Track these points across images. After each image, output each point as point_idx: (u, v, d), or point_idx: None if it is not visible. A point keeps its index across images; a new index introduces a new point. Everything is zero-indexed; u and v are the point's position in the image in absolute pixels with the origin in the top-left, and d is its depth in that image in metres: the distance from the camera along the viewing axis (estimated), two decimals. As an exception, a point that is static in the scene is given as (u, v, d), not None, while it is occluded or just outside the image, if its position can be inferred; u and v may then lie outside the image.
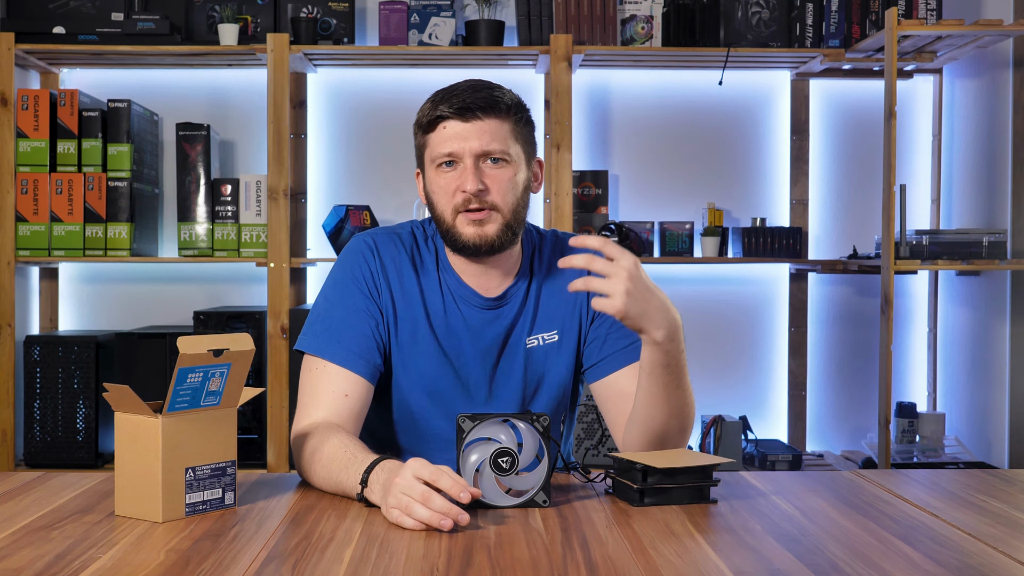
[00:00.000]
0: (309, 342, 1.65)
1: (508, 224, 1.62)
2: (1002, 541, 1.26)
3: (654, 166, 3.60)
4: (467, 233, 1.61)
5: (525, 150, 1.66)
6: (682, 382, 1.53)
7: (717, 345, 3.60)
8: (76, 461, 3.17)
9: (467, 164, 1.60)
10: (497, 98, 1.62)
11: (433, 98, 1.65)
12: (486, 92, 1.62)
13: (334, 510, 1.39)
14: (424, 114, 1.65)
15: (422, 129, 1.66)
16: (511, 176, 1.62)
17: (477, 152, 1.60)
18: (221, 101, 3.54)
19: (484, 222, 1.61)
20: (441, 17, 3.30)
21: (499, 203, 1.61)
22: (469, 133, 1.60)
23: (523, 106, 1.66)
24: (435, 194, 1.64)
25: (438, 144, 1.62)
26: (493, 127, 1.61)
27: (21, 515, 1.36)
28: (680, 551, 1.21)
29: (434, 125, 1.63)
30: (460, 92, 1.62)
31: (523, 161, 1.65)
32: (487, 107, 1.60)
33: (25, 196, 3.20)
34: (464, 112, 1.60)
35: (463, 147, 1.60)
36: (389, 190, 3.54)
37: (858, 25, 3.32)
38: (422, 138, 1.67)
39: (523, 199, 1.65)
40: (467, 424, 1.40)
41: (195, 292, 3.53)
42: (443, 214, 1.63)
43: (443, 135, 1.62)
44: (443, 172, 1.63)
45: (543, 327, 1.70)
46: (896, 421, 3.34)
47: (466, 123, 1.60)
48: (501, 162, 1.62)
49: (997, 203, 3.28)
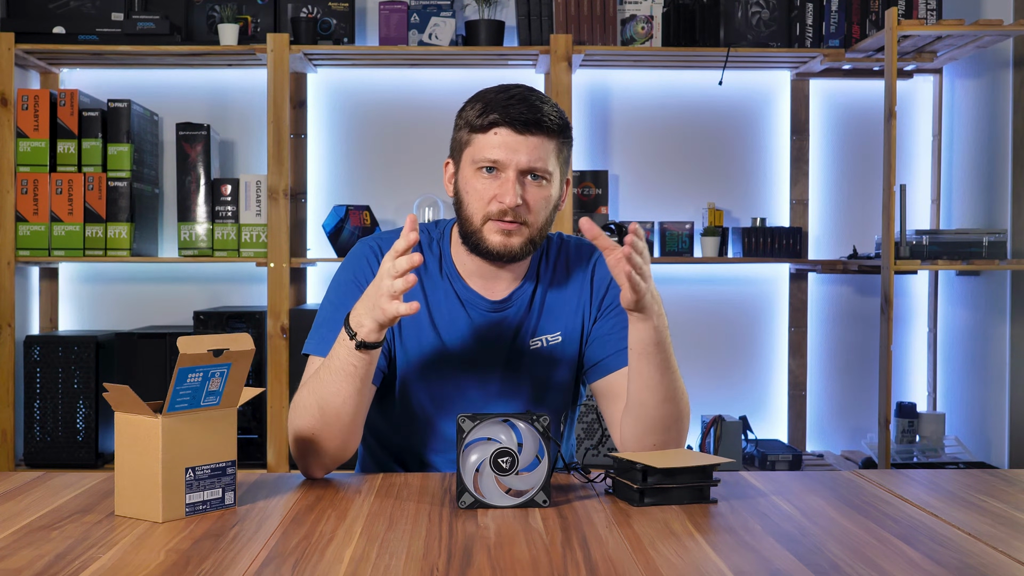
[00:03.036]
0: (315, 345, 1.66)
1: (533, 239, 1.64)
2: (1002, 541, 1.26)
3: (654, 166, 3.60)
4: (493, 241, 1.62)
5: (562, 169, 1.67)
6: (671, 362, 1.56)
7: (717, 345, 3.60)
8: (76, 461, 3.17)
9: (510, 176, 1.60)
10: (551, 117, 1.62)
11: (486, 99, 1.63)
12: (541, 107, 1.61)
13: (334, 510, 1.39)
14: (476, 113, 1.63)
15: (470, 127, 1.64)
16: (547, 195, 1.64)
17: (523, 167, 1.60)
18: (221, 101, 3.54)
19: (512, 234, 1.62)
20: (441, 17, 3.30)
21: (531, 220, 1.63)
22: (519, 146, 1.60)
23: (569, 126, 1.67)
24: (468, 194, 1.64)
25: (486, 148, 1.61)
26: (542, 145, 1.61)
27: (21, 515, 1.36)
28: (680, 551, 1.21)
29: (486, 128, 1.61)
30: (517, 102, 1.61)
31: (559, 180, 1.66)
32: (540, 123, 1.60)
33: (25, 196, 3.20)
34: (519, 124, 1.59)
35: (511, 158, 1.60)
36: (389, 190, 3.55)
37: (858, 25, 3.32)
38: (468, 135, 1.64)
39: (551, 216, 1.67)
40: (467, 424, 1.40)
41: (195, 292, 3.53)
42: (472, 216, 1.63)
43: (493, 140, 1.61)
44: (482, 176, 1.62)
45: (547, 329, 1.72)
46: (896, 421, 3.34)
47: (518, 135, 1.60)
48: (541, 180, 1.62)
49: (997, 203, 3.28)
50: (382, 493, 1.49)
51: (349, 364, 1.50)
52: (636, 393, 1.58)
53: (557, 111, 1.64)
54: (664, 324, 1.54)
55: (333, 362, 1.52)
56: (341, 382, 1.51)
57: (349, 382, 1.51)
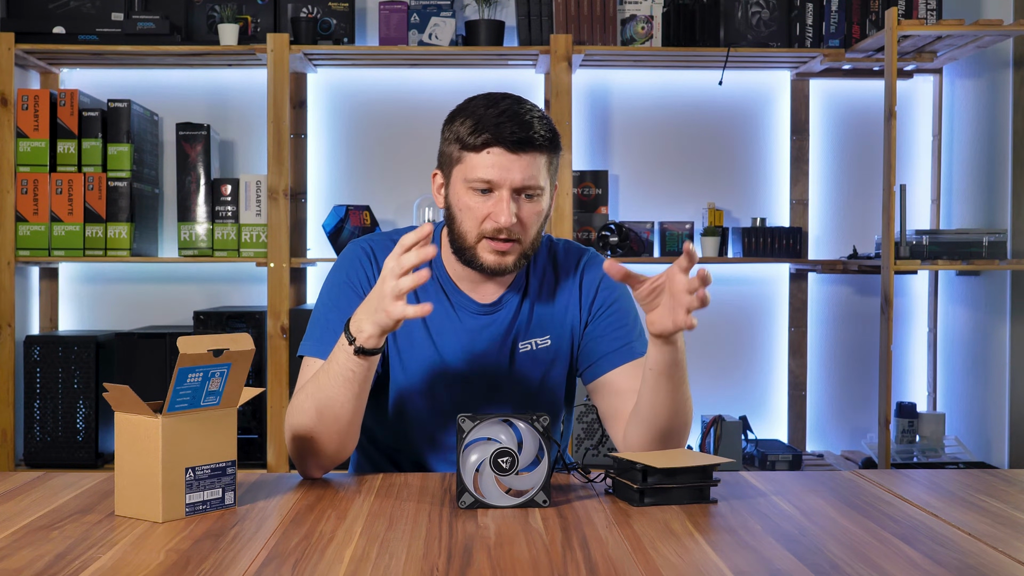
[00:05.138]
0: (310, 347, 1.66)
1: (526, 253, 1.64)
2: (1002, 541, 1.26)
3: (654, 166, 3.60)
4: (488, 260, 1.62)
5: (551, 179, 1.66)
6: (686, 377, 1.56)
7: (717, 345, 3.60)
8: (76, 461, 3.17)
9: (504, 196, 1.59)
10: (543, 133, 1.60)
11: (476, 115, 1.60)
12: (531, 124, 1.59)
13: (334, 510, 1.39)
14: (468, 131, 1.59)
15: (462, 144, 1.60)
16: (540, 209, 1.63)
17: (517, 186, 1.59)
18: (221, 101, 3.54)
19: (507, 253, 1.62)
20: (441, 17, 3.30)
21: (524, 237, 1.62)
22: (513, 165, 1.58)
23: (559, 138, 1.65)
24: (462, 211, 1.62)
25: (479, 168, 1.59)
26: (534, 162, 1.60)
27: (21, 515, 1.36)
28: (680, 551, 1.21)
29: (478, 148, 1.59)
30: (507, 119, 1.58)
31: (549, 190, 1.65)
32: (531, 141, 1.59)
33: (25, 196, 3.20)
34: (511, 144, 1.58)
35: (505, 178, 1.58)
36: (389, 190, 3.55)
37: (858, 25, 3.32)
38: (459, 152, 1.61)
39: (543, 227, 1.67)
40: (467, 424, 1.40)
41: (195, 292, 3.53)
42: (466, 235, 1.62)
43: (486, 160, 1.59)
44: (475, 195, 1.60)
45: (536, 332, 1.72)
46: (896, 421, 3.34)
47: (511, 155, 1.58)
48: (535, 197, 1.62)
49: (997, 203, 3.28)
50: (382, 493, 1.49)
51: (348, 370, 1.50)
52: (649, 407, 1.58)
53: (547, 124, 1.62)
54: (683, 344, 1.53)
55: (332, 366, 1.52)
56: (339, 387, 1.51)
57: (347, 387, 1.51)
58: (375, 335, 1.46)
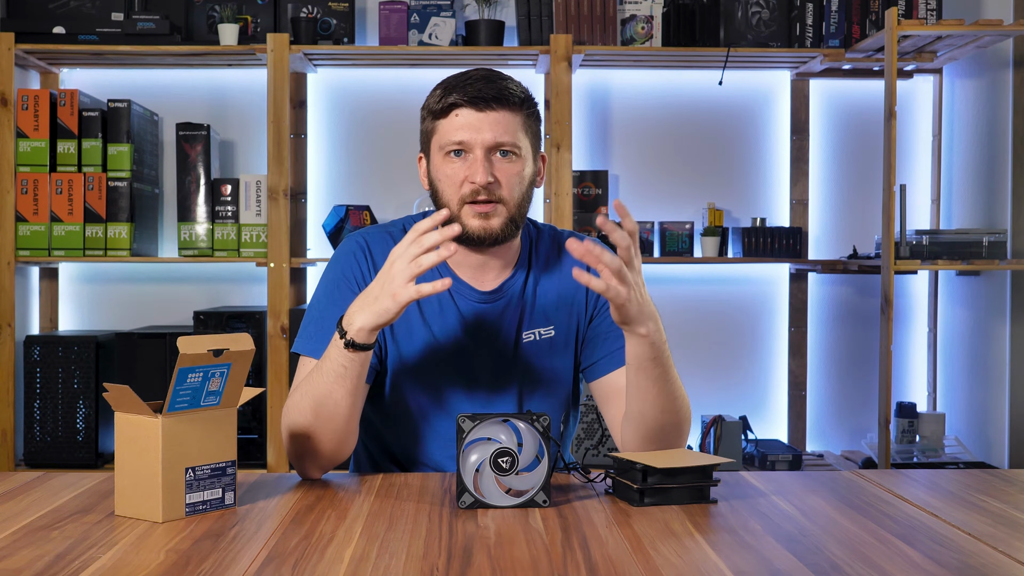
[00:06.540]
0: (304, 344, 1.65)
1: (512, 218, 1.62)
2: (1002, 541, 1.26)
3: (654, 166, 3.60)
4: (472, 225, 1.61)
5: (532, 144, 1.65)
6: (669, 375, 1.54)
7: (717, 345, 3.60)
8: (76, 461, 3.17)
9: (478, 155, 1.59)
10: (511, 90, 1.61)
11: (445, 84, 1.63)
12: (500, 83, 1.61)
13: (334, 510, 1.39)
14: (435, 99, 1.63)
15: (432, 115, 1.64)
16: (519, 170, 1.62)
17: (489, 144, 1.59)
18: (221, 101, 3.54)
19: (490, 215, 1.60)
20: (441, 17, 3.30)
21: (506, 197, 1.61)
22: (482, 124, 1.59)
23: (533, 100, 1.66)
24: (441, 182, 1.63)
25: (449, 132, 1.61)
26: (505, 119, 1.60)
27: (21, 515, 1.36)
28: (680, 551, 1.21)
29: (446, 112, 1.61)
30: (474, 81, 1.61)
31: (530, 155, 1.65)
32: (501, 99, 1.59)
33: (25, 196, 3.20)
34: (478, 102, 1.59)
35: (475, 138, 1.59)
36: (389, 190, 3.55)
37: (858, 25, 3.32)
38: (431, 123, 1.64)
39: (528, 193, 1.65)
40: (467, 424, 1.40)
41: (195, 292, 3.53)
42: (448, 203, 1.62)
43: (455, 123, 1.60)
44: (451, 161, 1.61)
45: (539, 322, 1.70)
46: (896, 421, 3.34)
47: (479, 113, 1.59)
48: (511, 155, 1.61)
49: (997, 203, 3.28)
50: (382, 493, 1.48)
51: (340, 365, 1.49)
52: (634, 404, 1.56)
53: (519, 86, 1.63)
54: (661, 339, 1.50)
55: (325, 363, 1.51)
56: (333, 383, 1.51)
57: (341, 383, 1.50)
58: (367, 328, 1.46)
